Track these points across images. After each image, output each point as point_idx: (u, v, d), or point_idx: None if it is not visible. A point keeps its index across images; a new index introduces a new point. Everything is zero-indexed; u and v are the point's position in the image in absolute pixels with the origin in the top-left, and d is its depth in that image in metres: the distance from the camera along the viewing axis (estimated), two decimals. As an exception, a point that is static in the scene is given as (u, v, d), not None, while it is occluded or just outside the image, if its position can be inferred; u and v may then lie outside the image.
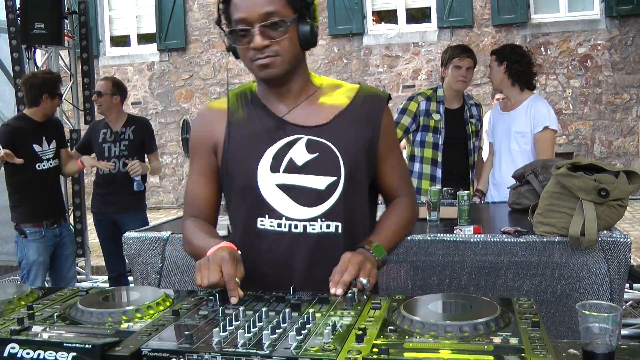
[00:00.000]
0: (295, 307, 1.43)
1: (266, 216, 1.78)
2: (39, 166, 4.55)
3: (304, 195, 1.76)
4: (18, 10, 5.73)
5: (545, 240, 2.85)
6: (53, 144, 4.65)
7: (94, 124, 5.24)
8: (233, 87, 1.95)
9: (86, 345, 1.22)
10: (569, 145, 10.33)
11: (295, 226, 1.76)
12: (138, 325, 1.38)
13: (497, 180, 4.26)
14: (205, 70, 11.56)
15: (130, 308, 1.46)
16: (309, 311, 1.37)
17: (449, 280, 2.95)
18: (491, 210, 3.81)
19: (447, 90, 4.41)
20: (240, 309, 1.41)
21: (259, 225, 1.79)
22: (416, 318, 1.30)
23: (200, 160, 1.91)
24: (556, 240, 2.84)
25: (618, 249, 2.77)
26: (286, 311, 1.37)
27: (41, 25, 5.56)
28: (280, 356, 1.17)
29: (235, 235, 1.92)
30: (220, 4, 1.75)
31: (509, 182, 4.00)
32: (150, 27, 11.86)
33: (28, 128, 4.53)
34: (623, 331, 4.22)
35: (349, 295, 1.49)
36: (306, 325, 1.31)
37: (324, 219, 1.75)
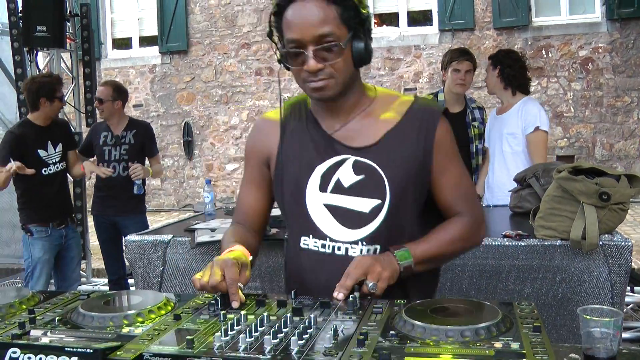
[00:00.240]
0: (297, 312, 1.43)
1: (310, 236, 1.78)
2: (45, 171, 4.56)
3: (348, 217, 1.73)
4: (20, 13, 5.75)
5: (546, 243, 2.85)
6: (59, 147, 4.65)
7: (95, 126, 5.24)
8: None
9: (87, 350, 1.22)
10: (570, 148, 10.33)
11: (339, 248, 1.74)
12: (139, 329, 1.38)
13: (490, 183, 4.27)
14: (206, 72, 11.56)
15: (131, 312, 1.46)
16: (311, 316, 1.37)
17: (450, 283, 2.95)
18: (492, 214, 3.81)
19: (448, 93, 4.42)
20: (242, 314, 1.41)
21: (302, 244, 1.80)
22: (417, 322, 1.31)
23: (252, 170, 1.91)
24: (557, 243, 2.84)
25: (619, 252, 2.77)
26: (288, 316, 1.37)
27: (43, 27, 5.57)
28: (282, 361, 1.17)
29: (287, 246, 1.92)
30: (272, 16, 1.70)
31: (501, 184, 4.03)
32: (151, 30, 11.87)
33: (32, 134, 4.53)
34: (624, 334, 4.21)
35: (351, 299, 1.49)
36: (308, 329, 1.31)
37: (364, 243, 1.73)
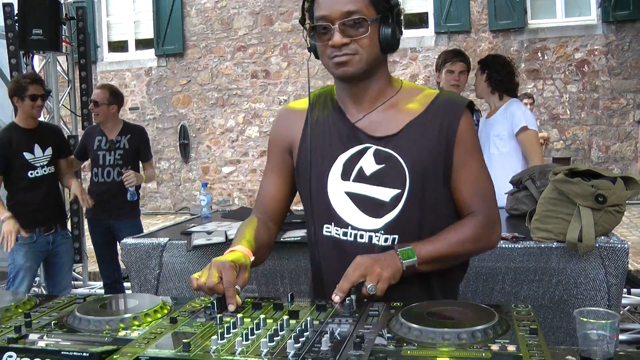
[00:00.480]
0: (293, 315, 1.43)
1: (332, 223, 1.78)
2: (31, 174, 4.48)
3: (370, 206, 1.74)
4: (16, 16, 5.74)
5: (542, 246, 2.85)
6: (49, 151, 4.58)
7: (90, 130, 5.22)
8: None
9: (84, 353, 1.22)
10: (566, 150, 10.35)
11: (361, 236, 1.74)
12: (136, 332, 1.38)
13: None
14: (202, 75, 11.56)
15: (127, 316, 1.46)
16: (307, 318, 1.37)
17: (446, 286, 2.94)
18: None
19: None
20: (238, 317, 1.41)
21: (325, 232, 1.80)
22: (414, 325, 1.31)
23: (275, 158, 1.93)
24: (554, 246, 2.84)
25: (616, 254, 2.77)
26: (284, 319, 1.37)
27: (39, 31, 5.57)
28: (278, 364, 1.17)
29: (307, 235, 1.93)
30: (305, 2, 1.74)
31: None
32: (148, 33, 11.87)
33: (17, 136, 4.46)
34: (621, 336, 4.22)
35: (347, 302, 1.49)
36: (304, 332, 1.31)
37: (383, 232, 1.73)
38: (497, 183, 4.02)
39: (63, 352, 1.23)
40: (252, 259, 1.71)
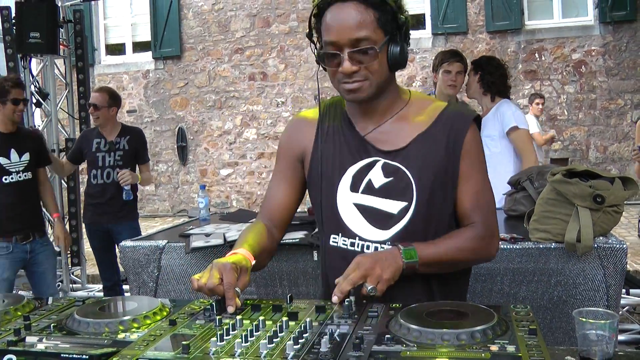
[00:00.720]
0: (293, 316, 1.43)
1: (339, 234, 1.80)
2: (5, 179, 4.24)
3: (377, 218, 1.76)
4: (13, 19, 5.73)
5: (541, 246, 2.85)
6: (26, 157, 4.34)
7: (86, 133, 5.19)
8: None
9: (83, 356, 1.22)
10: (564, 150, 10.36)
11: (368, 247, 1.76)
12: (135, 335, 1.38)
13: None
14: (200, 78, 11.56)
15: (127, 318, 1.46)
16: (306, 320, 1.37)
17: (445, 287, 2.95)
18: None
19: (439, 95, 4.43)
20: (238, 318, 1.41)
21: (331, 242, 1.82)
22: (413, 326, 1.31)
23: (285, 164, 1.93)
24: (552, 246, 2.84)
25: (614, 255, 2.77)
26: (283, 320, 1.37)
27: (36, 34, 5.56)
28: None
29: (321, 243, 1.94)
30: (312, 17, 1.74)
31: None
32: (145, 35, 11.87)
33: None
34: (620, 337, 4.22)
35: (346, 303, 1.49)
36: (303, 334, 1.31)
37: (389, 243, 1.74)
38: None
39: (62, 355, 1.23)
40: (254, 262, 1.71)
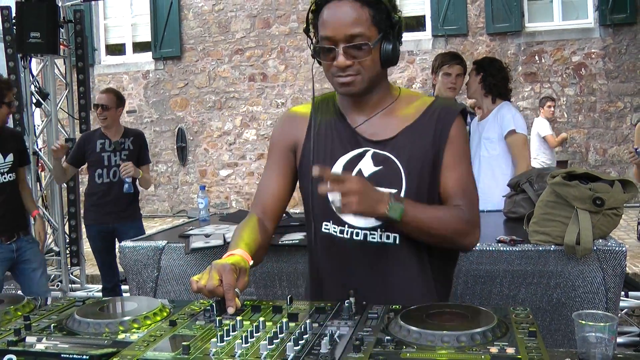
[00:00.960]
0: (293, 317, 1.43)
1: (330, 221, 1.85)
2: None
3: None
4: (14, 19, 5.74)
5: (540, 249, 2.86)
6: (10, 157, 4.27)
7: (88, 136, 5.18)
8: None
9: (83, 356, 1.22)
10: (563, 153, 10.37)
11: (357, 234, 1.81)
12: (135, 335, 1.38)
13: None
14: (200, 78, 11.56)
15: (127, 318, 1.46)
16: (306, 321, 1.37)
17: (444, 289, 2.95)
18: (486, 219, 3.80)
19: None
20: (238, 319, 1.41)
21: (323, 229, 1.87)
22: (413, 328, 1.31)
23: (278, 156, 1.97)
24: (551, 249, 2.84)
25: (613, 257, 2.78)
26: (283, 321, 1.37)
27: (37, 34, 5.57)
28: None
29: (307, 234, 2.00)
30: (310, 13, 1.81)
31: (480, 189, 4.08)
32: (145, 36, 11.87)
33: None
34: (619, 339, 4.22)
35: (346, 305, 1.49)
36: (303, 335, 1.31)
37: (384, 230, 1.79)
38: (487, 184, 4.11)
39: (63, 355, 1.23)
40: (251, 263, 1.72)
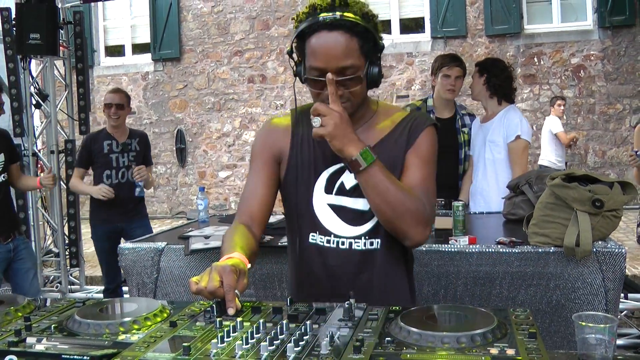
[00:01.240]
0: (293, 319, 1.43)
1: (317, 232, 1.93)
2: None
3: (350, 216, 1.90)
4: (13, 21, 5.74)
5: (540, 250, 2.86)
6: (1, 157, 4.21)
7: (93, 137, 5.12)
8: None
9: (84, 357, 1.22)
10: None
11: (342, 243, 1.90)
12: (135, 336, 1.38)
13: (473, 190, 4.30)
14: (199, 80, 11.56)
15: (127, 319, 1.46)
16: (307, 322, 1.38)
17: (444, 290, 2.95)
18: (486, 221, 3.82)
19: (437, 99, 4.44)
20: (238, 320, 1.41)
21: (310, 240, 1.94)
22: (413, 329, 1.31)
23: (263, 164, 1.98)
24: (551, 250, 2.84)
25: (613, 259, 2.78)
26: (284, 322, 1.37)
27: (36, 35, 5.57)
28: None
29: (289, 243, 2.07)
30: (295, 39, 1.82)
31: (482, 191, 4.10)
32: (144, 37, 11.87)
33: None
34: (618, 341, 4.22)
35: (346, 306, 1.50)
36: (304, 336, 1.31)
37: (367, 237, 1.89)
38: (490, 187, 4.09)
39: (63, 356, 1.23)
40: (249, 266, 1.73)
